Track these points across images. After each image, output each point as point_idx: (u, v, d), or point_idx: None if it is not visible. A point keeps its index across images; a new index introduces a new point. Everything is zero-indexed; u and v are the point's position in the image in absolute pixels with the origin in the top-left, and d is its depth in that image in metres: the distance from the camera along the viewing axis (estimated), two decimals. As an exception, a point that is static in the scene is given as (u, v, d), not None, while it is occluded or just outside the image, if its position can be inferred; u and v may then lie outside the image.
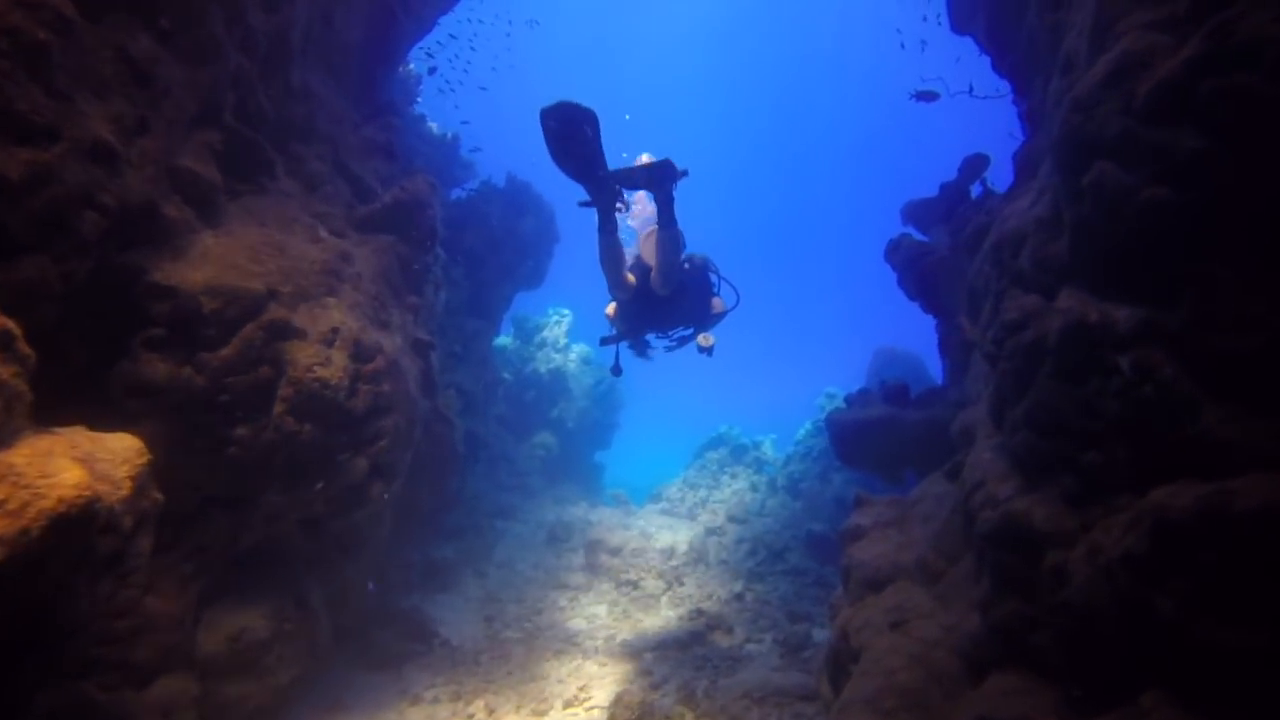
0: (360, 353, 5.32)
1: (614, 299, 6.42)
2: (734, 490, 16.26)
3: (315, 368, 4.89)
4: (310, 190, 5.97)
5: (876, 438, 6.65)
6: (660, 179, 5.55)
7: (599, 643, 8.12)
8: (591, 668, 7.52)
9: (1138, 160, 2.75)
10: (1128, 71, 2.85)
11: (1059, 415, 3.00)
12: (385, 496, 5.96)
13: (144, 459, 3.57)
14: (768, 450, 17.51)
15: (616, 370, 6.84)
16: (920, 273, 6.10)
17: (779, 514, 14.45)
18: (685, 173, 5.59)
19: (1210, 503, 2.24)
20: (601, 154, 5.28)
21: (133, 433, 4.02)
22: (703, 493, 16.50)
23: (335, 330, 5.14)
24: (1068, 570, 2.78)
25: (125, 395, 4.23)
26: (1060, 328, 2.96)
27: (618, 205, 5.63)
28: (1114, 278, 2.91)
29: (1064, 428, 2.97)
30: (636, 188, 5.78)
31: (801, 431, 17.20)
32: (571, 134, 5.08)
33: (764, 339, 49.88)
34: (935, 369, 16.78)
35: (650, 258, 6.01)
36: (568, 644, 8.09)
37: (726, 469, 17.30)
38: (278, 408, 4.84)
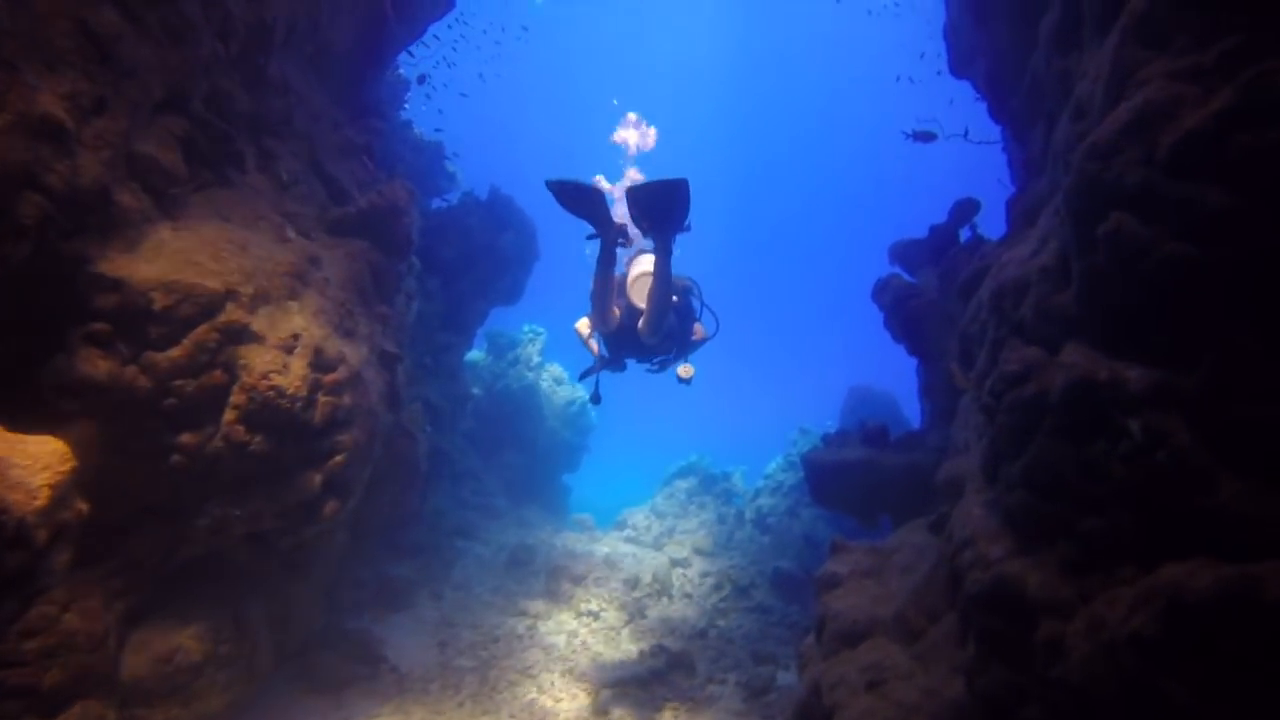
0: (322, 362, 5.03)
1: (593, 328, 6.33)
2: (701, 521, 16.01)
3: (271, 375, 4.60)
4: (281, 188, 5.70)
5: (854, 480, 6.46)
6: (669, 219, 5.56)
7: (555, 676, 7.79)
8: (546, 703, 7.19)
9: (1159, 213, 2.59)
10: (1150, 121, 2.71)
11: (1059, 476, 2.82)
12: (339, 515, 5.64)
13: (67, 466, 3.25)
14: (738, 482, 17.30)
15: (596, 399, 6.74)
16: (908, 314, 5.95)
17: (746, 548, 14.22)
18: (688, 228, 5.67)
19: (1235, 587, 2.05)
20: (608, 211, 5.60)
21: (62, 435, 3.70)
22: (669, 522, 16.22)
23: (296, 337, 4.85)
24: (1065, 644, 2.58)
25: (58, 394, 3.90)
26: (1065, 384, 2.79)
27: (620, 240, 5.75)
28: (1126, 334, 2.74)
29: (1064, 490, 2.79)
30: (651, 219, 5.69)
31: (772, 465, 17.03)
32: (579, 200, 5.40)
33: (739, 369, 49.83)
34: (910, 410, 16.75)
35: (640, 299, 5.92)
36: (523, 675, 7.75)
37: (695, 499, 17.05)
38: (228, 415, 4.53)
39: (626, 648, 8.79)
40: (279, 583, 6.20)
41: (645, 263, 5.91)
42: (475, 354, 18.41)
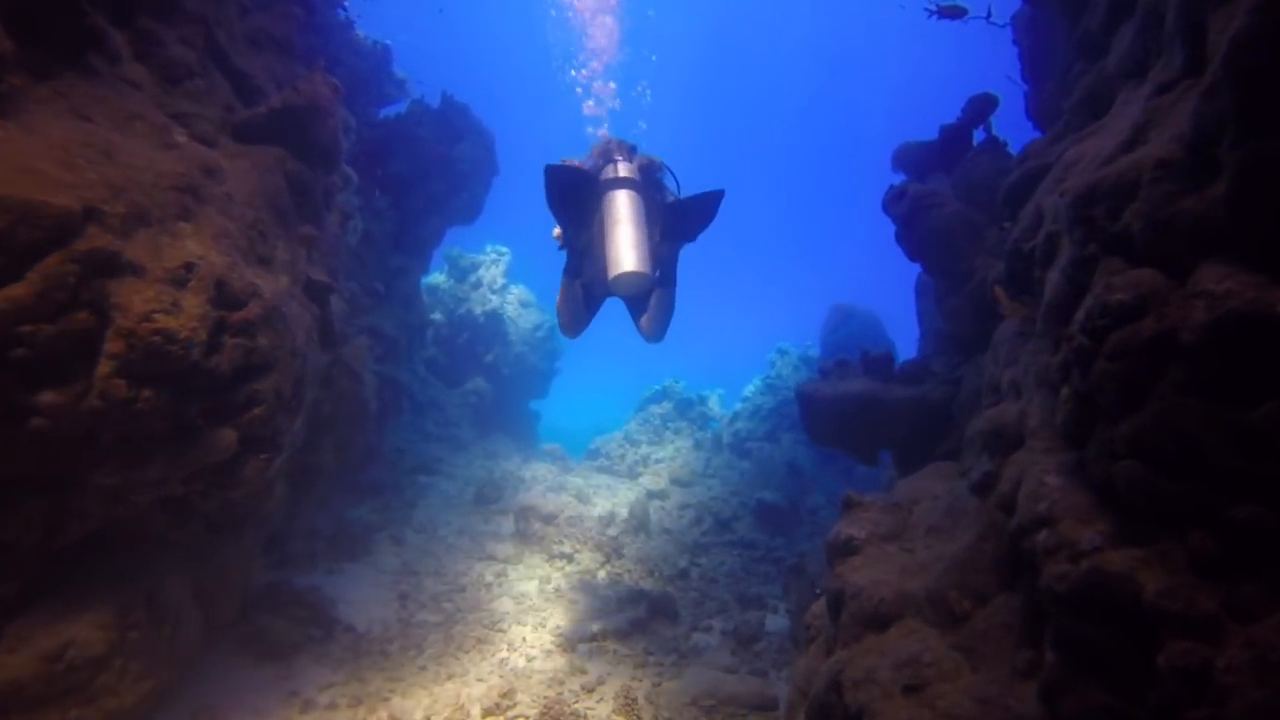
0: (226, 296, 4.11)
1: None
2: (677, 448, 15.45)
3: (156, 316, 3.68)
4: (170, 82, 4.63)
5: (855, 416, 5.77)
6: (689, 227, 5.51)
7: (527, 630, 7.20)
8: (518, 661, 6.61)
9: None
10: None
11: (1194, 443, 2.09)
12: (267, 473, 4.82)
13: None
14: (714, 406, 16.71)
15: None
16: (928, 227, 5.12)
17: (725, 476, 13.72)
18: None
19: None
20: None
21: None
22: (644, 449, 15.65)
23: (189, 266, 3.92)
24: (1215, 680, 1.89)
25: None
26: (1209, 321, 2.02)
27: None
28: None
29: (1201, 463, 2.07)
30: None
31: (749, 388, 16.45)
32: (576, 194, 5.32)
33: (713, 289, 48.95)
34: (894, 328, 16.16)
35: (626, 291, 5.56)
36: (491, 630, 7.14)
37: (670, 424, 16.46)
38: (103, 367, 3.63)
39: (604, 594, 8.22)
40: (205, 548, 5.42)
41: (627, 257, 5.25)
42: (435, 277, 17.34)
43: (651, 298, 5.79)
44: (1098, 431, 2.41)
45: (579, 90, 10.45)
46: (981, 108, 6.08)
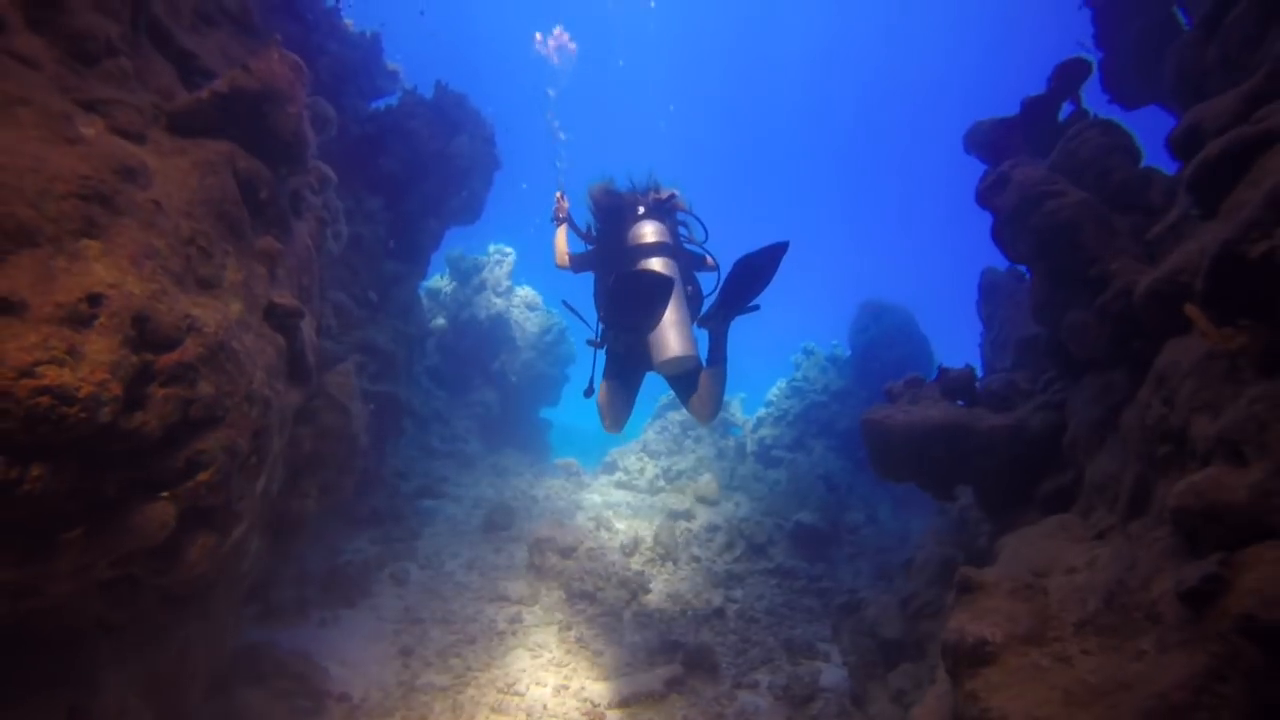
0: (150, 335, 3.16)
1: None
2: (699, 458, 14.46)
3: (42, 369, 2.72)
4: (80, 60, 3.66)
5: (937, 448, 4.78)
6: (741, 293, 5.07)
7: (547, 692, 6.29)
8: (537, 737, 5.68)
9: None
10: None
11: None
12: (221, 550, 3.87)
13: None
14: (736, 411, 15.70)
15: (589, 392, 5.56)
16: (1051, 222, 4.10)
17: (752, 489, 12.73)
18: (757, 307, 5.22)
19: None
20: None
21: None
22: (664, 461, 14.67)
23: (95, 299, 2.96)
24: None
25: None
26: None
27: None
28: None
29: None
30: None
31: (773, 391, 15.47)
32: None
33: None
34: (926, 324, 15.07)
35: (669, 370, 5.24)
36: (507, 694, 6.24)
37: (690, 432, 15.47)
38: (-30, 441, 2.68)
39: (631, 640, 7.28)
40: (162, 631, 4.49)
41: (672, 343, 4.99)
42: (436, 280, 16.40)
43: (701, 376, 5.30)
44: None
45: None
46: (1073, 75, 5.07)
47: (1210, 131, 3.14)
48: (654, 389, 18.21)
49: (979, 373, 5.67)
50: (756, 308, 5.22)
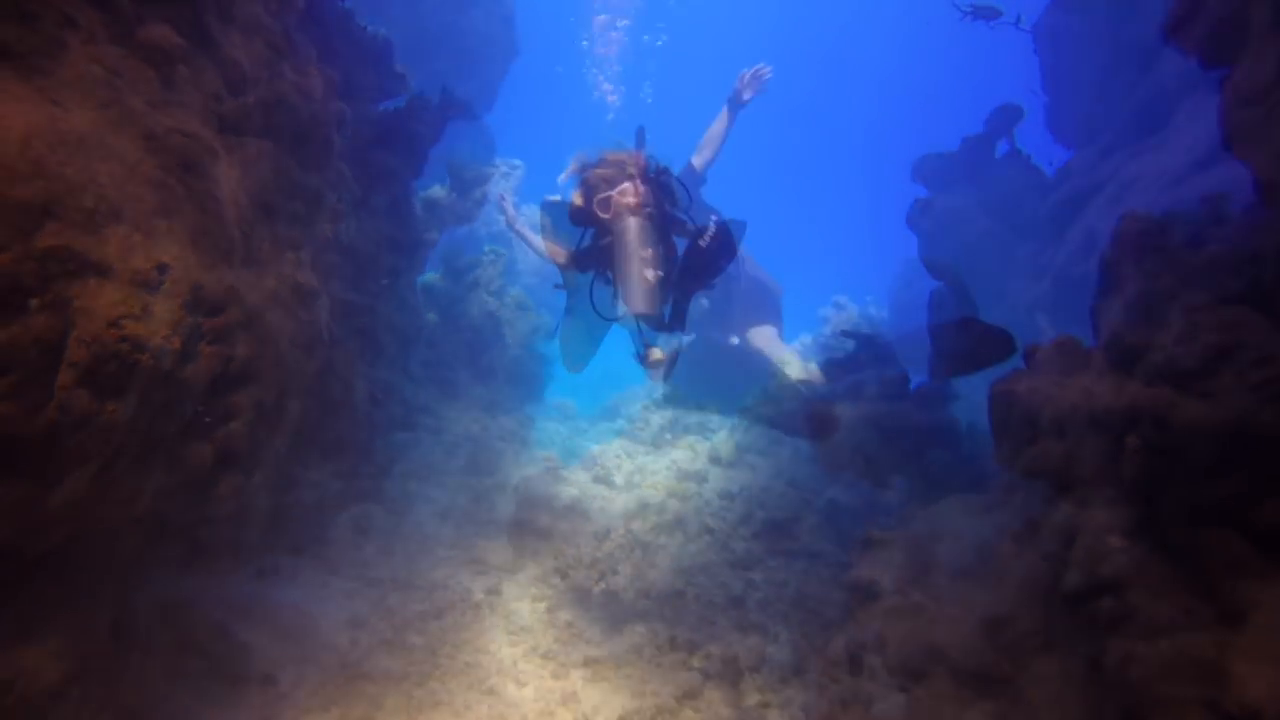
0: (202, 301, 3.81)
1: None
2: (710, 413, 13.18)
3: (124, 321, 3.37)
4: (152, 67, 4.31)
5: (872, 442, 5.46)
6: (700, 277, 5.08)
7: (529, 694, 5.40)
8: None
9: None
10: None
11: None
12: (243, 490, 4.51)
13: None
14: (753, 367, 15.78)
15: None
16: (956, 246, 4.81)
17: (772, 451, 10.96)
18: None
19: None
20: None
21: None
22: (671, 412, 13.18)
23: (163, 268, 3.61)
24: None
25: None
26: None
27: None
28: None
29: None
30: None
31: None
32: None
33: (764, 232, 47.62)
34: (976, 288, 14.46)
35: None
36: (479, 691, 5.34)
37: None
38: (64, 377, 3.30)
39: (634, 631, 6.32)
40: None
41: (636, 298, 4.93)
42: (430, 276, 16.93)
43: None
44: (1174, 490, 2.13)
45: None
46: (1007, 119, 5.81)
47: (1076, 179, 3.86)
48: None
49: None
50: (713, 287, 5.35)
